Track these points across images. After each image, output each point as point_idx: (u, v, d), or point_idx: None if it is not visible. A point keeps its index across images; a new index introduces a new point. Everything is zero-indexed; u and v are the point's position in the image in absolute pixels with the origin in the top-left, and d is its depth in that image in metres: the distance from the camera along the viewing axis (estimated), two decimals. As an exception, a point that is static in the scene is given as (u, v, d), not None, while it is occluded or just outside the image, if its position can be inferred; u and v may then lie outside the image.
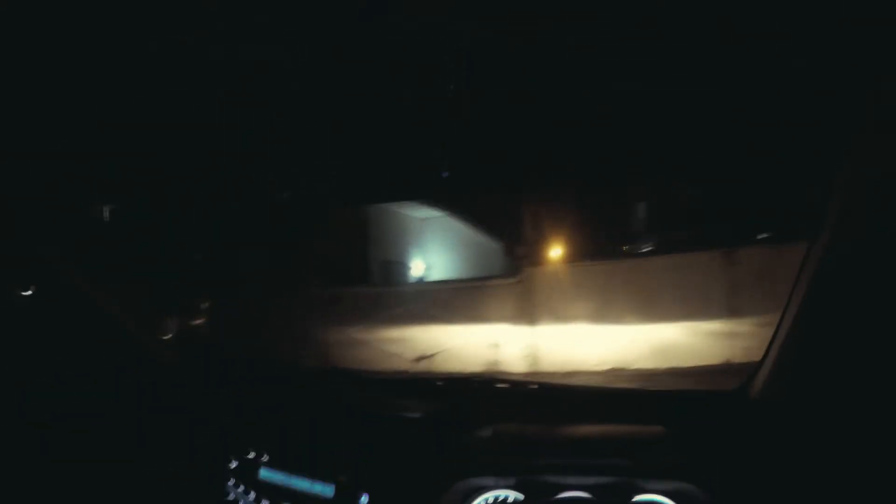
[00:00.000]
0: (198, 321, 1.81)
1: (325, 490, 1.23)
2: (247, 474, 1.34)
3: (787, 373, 1.00)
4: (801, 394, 0.98)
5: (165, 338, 1.52)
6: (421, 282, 3.43)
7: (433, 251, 3.31)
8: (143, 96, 1.49)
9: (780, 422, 1.03)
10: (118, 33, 1.32)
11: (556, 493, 1.13)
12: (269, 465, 1.32)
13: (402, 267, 3.33)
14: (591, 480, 1.16)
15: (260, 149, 1.81)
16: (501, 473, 1.17)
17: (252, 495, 1.31)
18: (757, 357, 1.09)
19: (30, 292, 1.32)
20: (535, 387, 1.34)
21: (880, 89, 0.79)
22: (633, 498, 1.12)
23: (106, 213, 1.68)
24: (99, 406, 1.34)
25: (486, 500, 1.17)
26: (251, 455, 1.34)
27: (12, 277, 1.31)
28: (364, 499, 1.19)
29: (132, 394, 1.39)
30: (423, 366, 2.19)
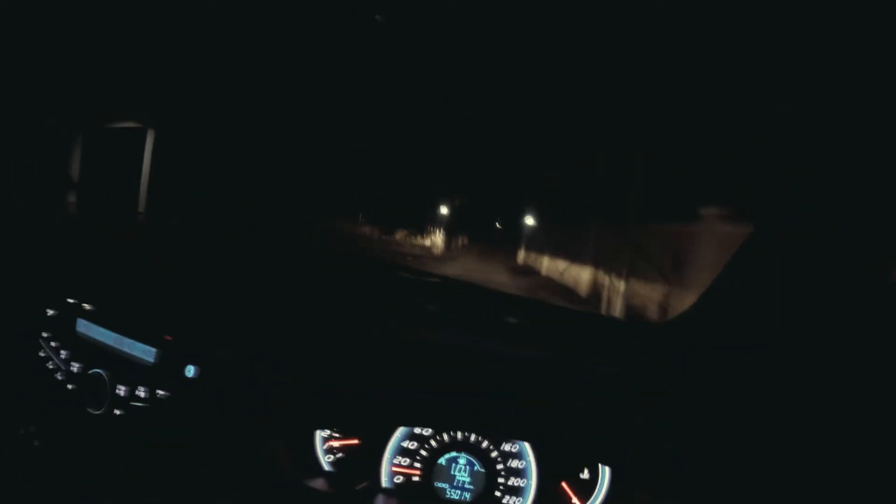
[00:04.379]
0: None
1: (146, 353, 0.97)
2: (63, 327, 1.06)
3: (707, 322, 0.98)
4: (716, 342, 0.96)
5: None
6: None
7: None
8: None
9: (694, 361, 0.94)
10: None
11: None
12: (90, 316, 1.05)
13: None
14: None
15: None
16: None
17: (64, 353, 1.04)
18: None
19: None
20: (437, 280, 1.09)
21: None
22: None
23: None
24: None
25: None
26: (70, 302, 1.07)
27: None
28: (191, 370, 0.94)
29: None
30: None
